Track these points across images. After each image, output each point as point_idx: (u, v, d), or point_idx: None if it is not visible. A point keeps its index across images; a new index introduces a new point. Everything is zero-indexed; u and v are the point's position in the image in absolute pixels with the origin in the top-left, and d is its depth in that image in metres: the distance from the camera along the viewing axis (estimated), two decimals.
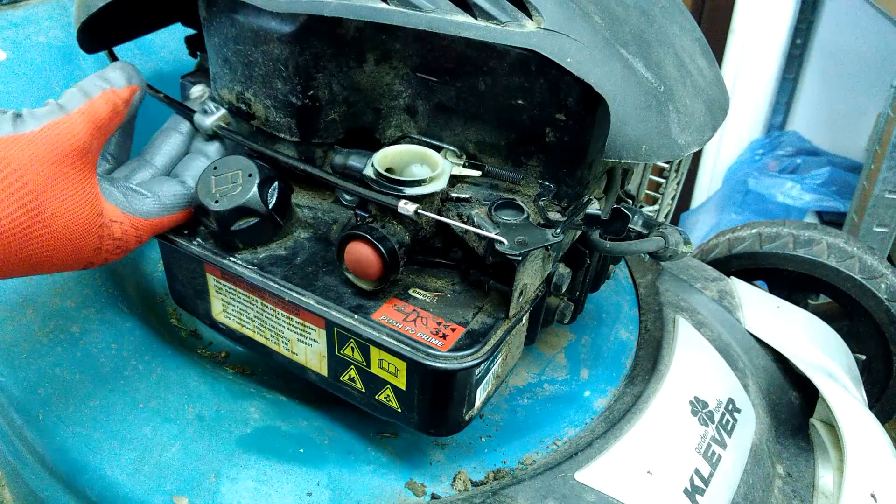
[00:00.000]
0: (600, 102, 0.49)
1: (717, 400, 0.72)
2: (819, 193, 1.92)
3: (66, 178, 0.48)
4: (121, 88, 0.52)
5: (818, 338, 0.92)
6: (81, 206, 0.49)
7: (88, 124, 0.49)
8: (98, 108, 0.50)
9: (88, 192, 0.49)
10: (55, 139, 0.47)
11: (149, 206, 0.55)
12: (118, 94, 0.52)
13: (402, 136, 0.59)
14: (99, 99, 0.50)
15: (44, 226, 0.47)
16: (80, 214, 0.49)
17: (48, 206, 0.47)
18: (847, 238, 1.15)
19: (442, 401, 0.52)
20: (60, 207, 0.47)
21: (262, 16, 0.53)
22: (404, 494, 0.59)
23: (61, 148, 0.47)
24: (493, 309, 0.55)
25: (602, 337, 0.78)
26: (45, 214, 0.47)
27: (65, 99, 0.49)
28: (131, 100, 0.53)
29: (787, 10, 2.06)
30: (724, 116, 0.58)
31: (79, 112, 0.49)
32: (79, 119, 0.49)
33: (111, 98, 0.51)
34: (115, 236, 0.52)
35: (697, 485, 0.63)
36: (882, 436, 0.77)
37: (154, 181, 0.57)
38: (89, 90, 0.50)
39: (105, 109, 0.51)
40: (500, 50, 0.52)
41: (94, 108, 0.50)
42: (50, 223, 0.47)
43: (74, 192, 0.48)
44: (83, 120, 0.49)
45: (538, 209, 0.54)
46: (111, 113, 0.51)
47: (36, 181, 0.46)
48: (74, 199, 0.48)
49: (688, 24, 0.61)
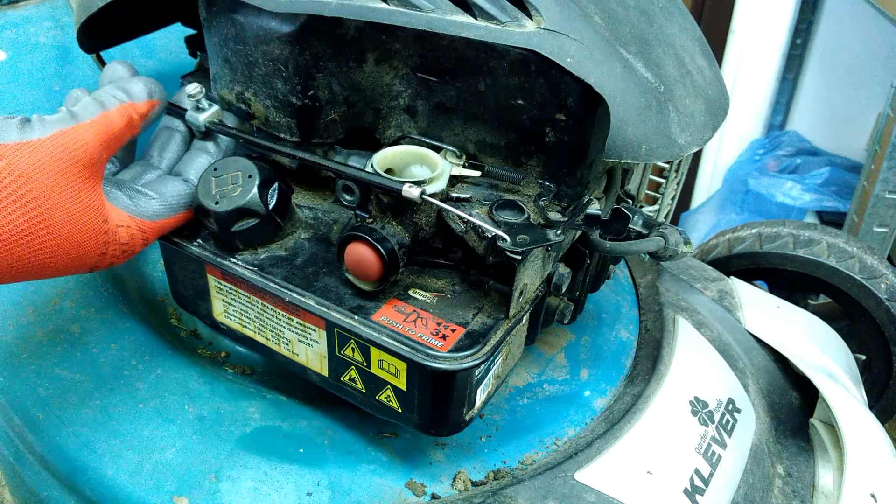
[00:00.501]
0: (600, 102, 0.49)
1: (717, 400, 0.72)
2: (819, 193, 1.92)
3: (72, 186, 0.47)
4: (140, 102, 0.51)
5: (818, 338, 0.92)
6: (87, 214, 0.48)
7: (100, 136, 0.49)
8: (112, 121, 0.49)
9: (94, 199, 0.49)
10: (63, 148, 0.46)
11: (154, 208, 0.54)
12: (136, 107, 0.51)
13: (402, 136, 0.59)
14: (115, 111, 0.50)
15: (48, 233, 0.46)
16: (85, 222, 0.48)
17: (53, 214, 0.46)
18: (847, 238, 1.15)
19: (442, 401, 0.52)
20: (65, 215, 0.47)
21: (262, 16, 0.53)
22: (404, 494, 0.59)
23: (69, 157, 0.47)
24: (493, 309, 0.55)
25: (602, 337, 0.78)
26: (50, 222, 0.46)
27: (79, 107, 0.49)
28: (149, 114, 0.53)
29: (787, 10, 2.06)
30: (723, 116, 0.58)
31: (91, 123, 0.48)
32: (90, 130, 0.48)
33: (128, 111, 0.50)
34: (121, 241, 0.52)
35: (697, 485, 0.63)
36: (882, 436, 0.77)
37: (158, 181, 0.57)
38: (106, 101, 0.50)
39: (120, 122, 0.50)
40: (500, 50, 0.52)
41: (109, 120, 0.49)
42: (54, 230, 0.47)
43: (80, 201, 0.48)
44: (95, 131, 0.48)
45: (538, 209, 0.54)
46: (125, 126, 0.50)
47: (40, 189, 0.45)
48: (80, 207, 0.48)
49: (688, 24, 0.61)
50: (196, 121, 0.59)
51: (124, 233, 0.52)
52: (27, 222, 0.45)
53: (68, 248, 0.48)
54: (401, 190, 0.50)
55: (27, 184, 0.45)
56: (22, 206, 0.45)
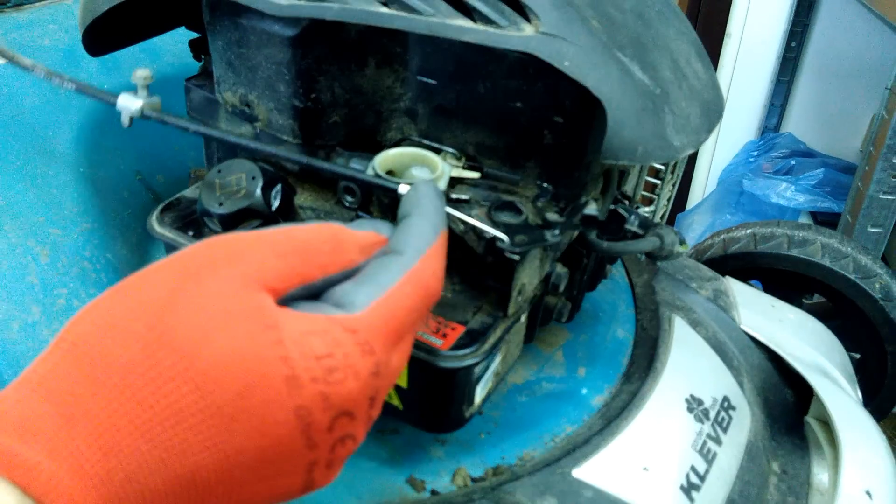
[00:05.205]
0: (597, 105, 0.50)
1: (712, 397, 0.73)
2: (813, 194, 1.93)
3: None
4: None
5: (813, 336, 0.93)
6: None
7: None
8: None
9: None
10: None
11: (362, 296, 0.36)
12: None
13: (403, 138, 0.60)
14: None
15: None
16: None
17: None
18: (841, 238, 1.16)
19: (443, 398, 0.53)
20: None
21: (264, 20, 0.54)
22: (405, 490, 0.59)
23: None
24: (492, 308, 0.55)
25: (599, 335, 0.79)
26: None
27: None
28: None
29: (782, 13, 2.07)
30: (718, 118, 0.59)
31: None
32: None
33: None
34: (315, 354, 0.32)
35: (693, 481, 0.64)
36: (877, 433, 0.78)
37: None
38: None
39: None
40: (499, 53, 0.52)
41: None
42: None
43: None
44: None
45: (536, 210, 0.55)
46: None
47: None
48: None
49: (684, 27, 0.62)
50: (129, 107, 0.56)
51: (318, 341, 0.35)
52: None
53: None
54: (398, 190, 0.51)
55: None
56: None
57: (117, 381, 0.29)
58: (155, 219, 0.60)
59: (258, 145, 0.56)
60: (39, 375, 0.30)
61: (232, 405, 0.29)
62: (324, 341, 0.32)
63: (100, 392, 0.29)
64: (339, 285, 0.36)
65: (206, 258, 0.33)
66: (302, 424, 0.31)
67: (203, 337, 0.30)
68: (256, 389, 0.30)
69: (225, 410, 0.29)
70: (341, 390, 0.32)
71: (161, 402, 0.29)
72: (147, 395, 0.29)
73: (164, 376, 0.29)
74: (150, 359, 0.29)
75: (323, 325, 0.33)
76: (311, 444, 0.32)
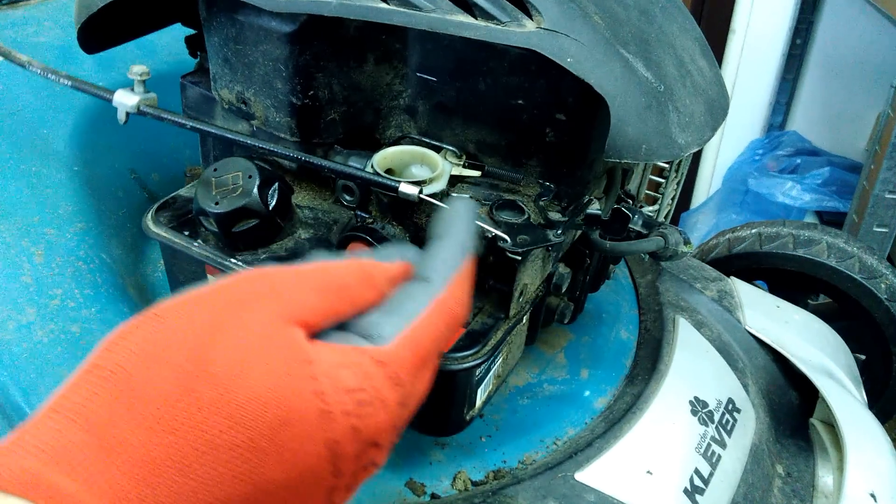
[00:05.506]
0: (600, 102, 0.49)
1: (716, 400, 0.72)
2: (819, 193, 1.92)
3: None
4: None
5: (818, 338, 0.92)
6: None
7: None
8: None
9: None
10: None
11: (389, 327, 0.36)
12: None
13: (402, 136, 0.60)
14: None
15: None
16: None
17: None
18: (847, 238, 1.15)
19: (443, 401, 0.52)
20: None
21: (262, 16, 0.53)
22: (404, 494, 0.59)
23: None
24: (493, 309, 0.55)
25: (602, 337, 0.78)
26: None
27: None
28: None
29: (786, 11, 2.06)
30: (723, 116, 0.58)
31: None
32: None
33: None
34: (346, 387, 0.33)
35: (697, 484, 0.63)
36: (882, 435, 0.77)
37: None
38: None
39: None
40: (500, 50, 0.52)
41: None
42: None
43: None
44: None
45: (539, 209, 0.54)
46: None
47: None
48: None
49: (688, 24, 0.62)
50: (125, 102, 0.55)
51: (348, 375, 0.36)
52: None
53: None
54: (398, 189, 0.51)
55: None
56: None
57: (155, 412, 0.29)
58: (150, 218, 0.59)
59: (255, 142, 0.56)
60: (75, 404, 0.30)
61: (266, 439, 0.29)
62: (355, 375, 0.32)
63: (138, 423, 0.29)
64: (367, 315, 0.36)
65: (248, 293, 0.33)
66: (331, 455, 0.31)
67: (241, 371, 0.30)
68: (291, 424, 0.30)
69: (259, 444, 0.29)
70: (371, 423, 0.33)
71: (197, 435, 0.29)
72: (184, 426, 0.29)
73: (204, 410, 0.29)
74: (189, 391, 0.29)
75: (353, 358, 0.33)
76: (337, 472, 0.32)
